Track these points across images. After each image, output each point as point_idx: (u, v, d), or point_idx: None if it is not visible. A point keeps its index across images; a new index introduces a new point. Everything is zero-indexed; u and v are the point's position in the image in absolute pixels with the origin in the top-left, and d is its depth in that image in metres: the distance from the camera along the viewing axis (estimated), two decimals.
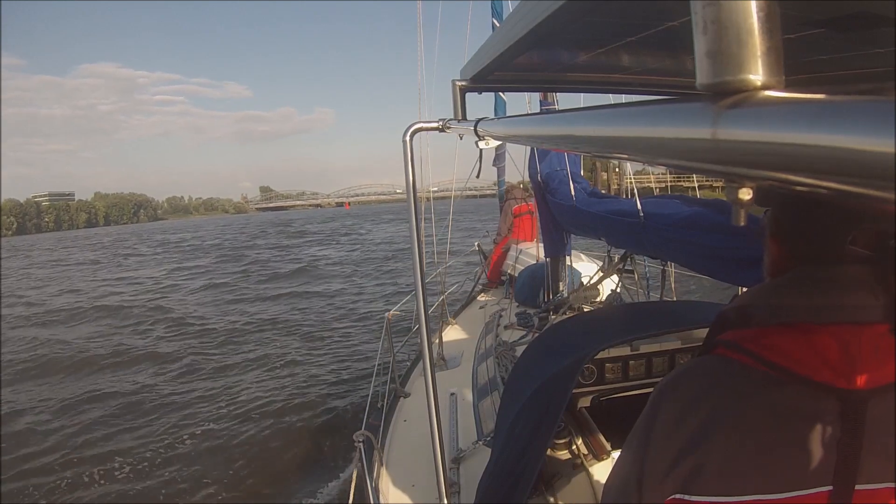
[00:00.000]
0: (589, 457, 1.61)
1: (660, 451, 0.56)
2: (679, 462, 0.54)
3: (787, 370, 0.52)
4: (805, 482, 0.50)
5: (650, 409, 0.59)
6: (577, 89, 1.13)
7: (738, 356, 0.56)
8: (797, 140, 0.19)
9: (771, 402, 0.52)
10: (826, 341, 0.51)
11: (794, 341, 0.53)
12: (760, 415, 0.52)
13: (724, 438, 0.52)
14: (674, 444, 0.55)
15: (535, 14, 0.49)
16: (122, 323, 10.13)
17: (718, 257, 1.64)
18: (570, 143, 0.45)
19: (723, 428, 0.53)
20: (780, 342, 0.54)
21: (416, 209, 1.07)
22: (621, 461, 0.63)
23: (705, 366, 0.60)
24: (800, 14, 0.48)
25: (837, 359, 0.50)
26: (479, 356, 3.01)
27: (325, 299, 11.37)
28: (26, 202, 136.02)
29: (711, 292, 3.29)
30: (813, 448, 0.50)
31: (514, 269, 4.47)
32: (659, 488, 0.55)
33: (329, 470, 4.31)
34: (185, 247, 30.70)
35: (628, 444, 0.62)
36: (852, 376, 0.50)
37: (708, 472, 0.52)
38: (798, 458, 0.50)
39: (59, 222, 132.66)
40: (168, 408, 5.63)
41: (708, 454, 0.52)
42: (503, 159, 5.51)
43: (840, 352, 0.51)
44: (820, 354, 0.51)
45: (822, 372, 0.51)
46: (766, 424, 0.51)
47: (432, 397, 1.08)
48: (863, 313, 0.51)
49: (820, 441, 0.50)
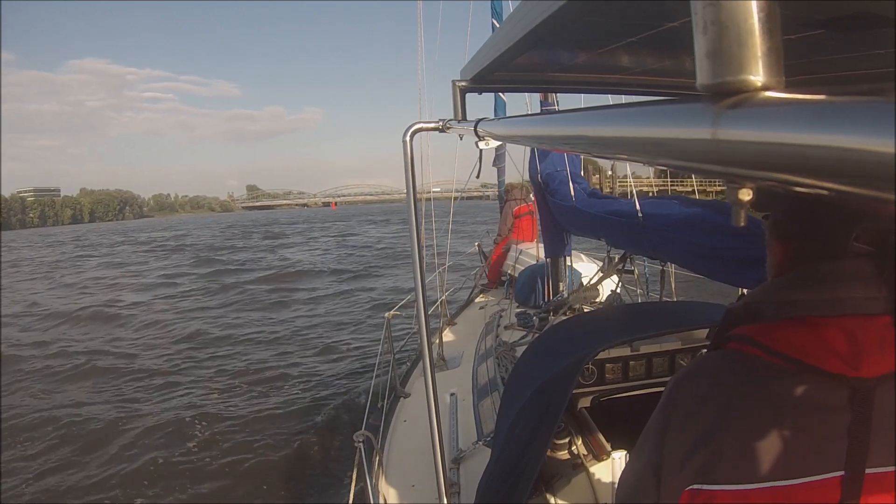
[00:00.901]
0: (589, 457, 1.61)
1: (677, 441, 0.58)
2: (696, 451, 0.56)
3: (798, 361, 0.54)
4: (818, 468, 0.52)
5: (666, 401, 0.62)
6: (577, 90, 1.13)
7: (750, 349, 0.58)
8: (797, 141, 0.19)
9: (783, 392, 0.54)
10: (834, 333, 0.54)
11: (804, 334, 0.55)
12: (774, 404, 0.54)
13: (740, 428, 0.54)
14: (690, 434, 0.57)
15: (535, 14, 0.49)
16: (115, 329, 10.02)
17: (717, 258, 1.64)
18: (570, 143, 0.45)
19: (738, 417, 0.55)
20: (790, 335, 0.56)
21: (415, 209, 1.07)
22: (637, 454, 0.65)
23: (719, 359, 0.63)
24: (800, 14, 0.48)
25: (845, 349, 0.53)
26: (479, 356, 3.01)
27: (324, 299, 11.37)
28: (11, 197, 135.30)
29: (711, 293, 3.29)
30: (824, 435, 0.52)
31: (514, 269, 4.48)
32: (677, 477, 0.57)
33: (329, 470, 4.30)
34: (158, 246, 30.03)
35: (643, 438, 0.64)
36: (860, 365, 0.52)
37: (724, 461, 0.54)
38: (811, 444, 0.52)
39: (43, 218, 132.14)
40: (168, 408, 5.63)
41: (723, 443, 0.54)
42: (503, 159, 5.52)
43: (847, 342, 0.53)
44: (828, 345, 0.53)
45: (831, 362, 0.53)
46: (779, 413, 0.54)
47: (432, 397, 1.08)
48: (867, 305, 0.53)
49: (831, 428, 0.52)
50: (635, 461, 0.65)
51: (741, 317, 0.61)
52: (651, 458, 0.61)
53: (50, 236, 57.11)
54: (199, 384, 6.32)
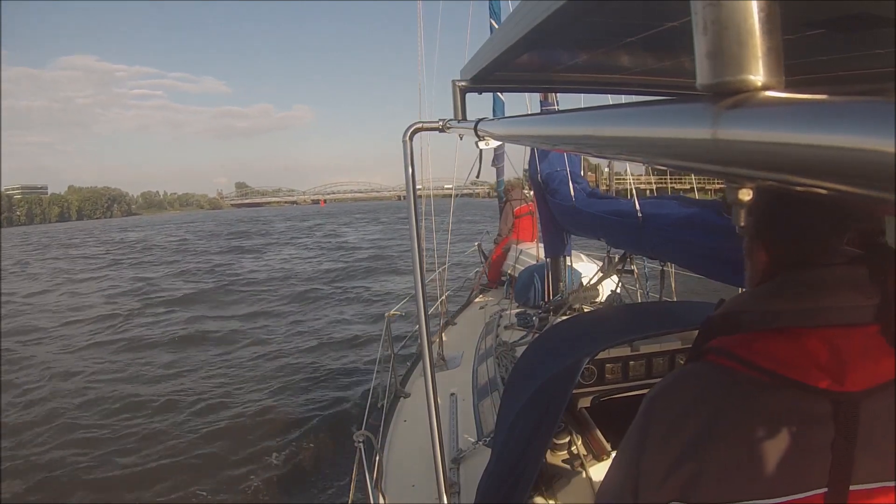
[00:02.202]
0: (589, 457, 1.61)
1: (655, 461, 0.56)
2: (675, 470, 0.54)
3: (778, 375, 0.52)
4: (801, 485, 0.50)
5: (642, 419, 0.59)
6: (577, 89, 1.13)
7: (728, 363, 0.56)
8: (797, 140, 0.19)
9: (764, 408, 0.52)
10: (816, 345, 0.51)
11: (785, 346, 0.53)
12: (754, 420, 0.52)
13: (720, 445, 0.52)
14: (669, 452, 0.55)
15: (535, 14, 0.49)
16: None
17: (717, 258, 1.64)
18: (570, 143, 0.45)
19: (718, 435, 0.53)
20: (770, 347, 0.53)
21: (415, 209, 1.07)
22: (614, 470, 0.63)
23: (696, 373, 0.60)
24: (800, 14, 0.48)
25: (828, 362, 0.50)
26: (479, 356, 3.01)
27: (320, 300, 11.37)
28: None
29: (711, 293, 3.29)
30: (807, 451, 0.50)
31: (514, 269, 4.47)
32: (657, 495, 0.55)
33: (329, 470, 4.31)
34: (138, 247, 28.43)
35: (621, 453, 0.62)
36: (843, 379, 0.50)
37: (705, 480, 0.52)
38: (793, 461, 0.50)
39: (30, 216, 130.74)
40: (166, 408, 5.63)
41: (704, 461, 0.52)
42: (502, 159, 5.52)
43: (830, 355, 0.51)
44: (811, 358, 0.51)
45: (813, 375, 0.51)
46: (760, 430, 0.51)
47: (432, 397, 1.08)
48: (852, 314, 0.51)
49: (814, 444, 0.50)
50: (613, 476, 0.63)
51: (720, 327, 0.59)
52: (629, 476, 0.58)
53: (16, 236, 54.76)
54: (198, 385, 6.33)
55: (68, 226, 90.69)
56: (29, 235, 57.48)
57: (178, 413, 5.47)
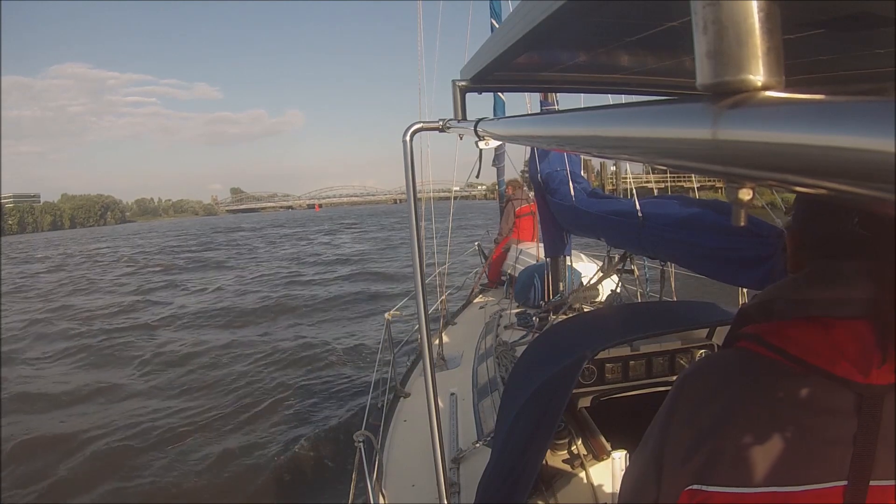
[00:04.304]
0: (589, 457, 1.61)
1: (679, 438, 0.57)
2: (697, 450, 0.54)
3: (805, 363, 0.52)
4: (820, 476, 0.50)
5: (672, 397, 0.61)
6: (577, 89, 1.13)
7: (759, 349, 0.57)
8: (797, 140, 0.19)
9: (789, 394, 0.52)
10: (844, 335, 0.51)
11: (814, 335, 0.53)
12: (778, 406, 0.52)
13: (741, 428, 0.53)
14: (692, 430, 0.56)
15: (535, 14, 0.49)
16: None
17: (717, 258, 1.63)
18: (570, 143, 0.45)
19: (740, 417, 0.53)
20: (799, 335, 0.54)
21: (415, 210, 1.06)
22: (641, 449, 0.64)
23: (727, 357, 0.62)
24: (800, 14, 0.48)
25: (855, 353, 0.51)
26: (479, 356, 3.01)
27: (318, 301, 11.37)
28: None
29: (711, 293, 3.29)
30: (829, 442, 0.50)
31: (514, 269, 4.47)
32: (677, 474, 0.56)
33: (329, 470, 4.30)
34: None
35: (649, 432, 0.63)
36: (869, 371, 0.50)
37: (724, 462, 0.52)
38: (813, 451, 0.50)
39: (23, 224, 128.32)
40: (164, 409, 5.63)
41: (724, 442, 0.53)
42: (503, 159, 5.52)
43: (858, 346, 0.51)
44: (838, 348, 0.51)
45: (840, 365, 0.51)
46: (782, 416, 0.52)
47: (432, 397, 1.08)
48: (881, 308, 0.51)
49: (836, 435, 0.50)
50: (639, 456, 0.64)
51: (753, 315, 0.59)
52: (654, 453, 0.59)
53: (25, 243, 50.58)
54: (197, 387, 6.33)
55: (58, 234, 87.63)
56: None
57: (177, 413, 5.47)
